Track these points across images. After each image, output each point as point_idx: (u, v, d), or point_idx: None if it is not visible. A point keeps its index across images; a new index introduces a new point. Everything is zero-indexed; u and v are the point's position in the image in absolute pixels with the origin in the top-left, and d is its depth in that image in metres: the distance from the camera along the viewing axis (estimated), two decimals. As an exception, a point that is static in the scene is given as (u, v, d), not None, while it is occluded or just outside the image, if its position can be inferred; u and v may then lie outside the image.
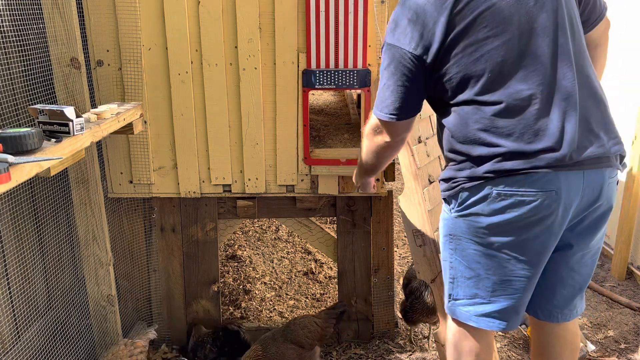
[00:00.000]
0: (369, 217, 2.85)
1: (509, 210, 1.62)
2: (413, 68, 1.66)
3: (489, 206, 1.64)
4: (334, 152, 2.64)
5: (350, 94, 3.82)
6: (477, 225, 1.69)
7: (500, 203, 1.62)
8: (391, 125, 1.79)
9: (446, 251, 1.84)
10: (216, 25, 2.44)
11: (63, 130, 1.75)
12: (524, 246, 1.67)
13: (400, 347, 2.94)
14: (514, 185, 1.60)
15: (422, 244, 2.40)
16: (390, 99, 1.73)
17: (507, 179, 1.60)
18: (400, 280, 3.58)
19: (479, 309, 1.79)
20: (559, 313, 1.89)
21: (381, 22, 2.45)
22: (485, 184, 1.63)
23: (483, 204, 1.65)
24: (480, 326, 1.81)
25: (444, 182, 1.79)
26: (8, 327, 2.16)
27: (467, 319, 1.83)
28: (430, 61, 1.64)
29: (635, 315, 3.24)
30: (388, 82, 1.72)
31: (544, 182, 1.58)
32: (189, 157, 2.63)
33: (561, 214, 1.62)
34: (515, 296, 1.75)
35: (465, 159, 1.68)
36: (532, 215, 1.61)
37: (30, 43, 2.15)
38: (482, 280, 1.75)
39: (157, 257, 2.88)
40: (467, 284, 1.79)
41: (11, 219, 2.17)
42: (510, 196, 1.61)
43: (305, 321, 2.65)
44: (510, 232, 1.65)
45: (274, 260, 3.96)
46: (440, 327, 2.45)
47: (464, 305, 1.82)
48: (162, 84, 2.53)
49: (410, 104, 1.75)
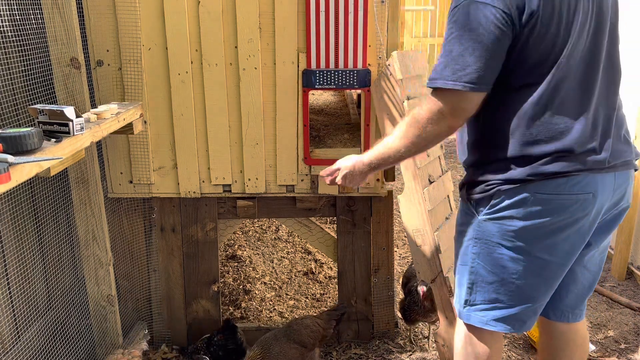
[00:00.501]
0: (369, 217, 2.85)
1: (545, 214, 1.59)
2: (503, 27, 1.45)
3: (525, 210, 1.59)
4: (334, 152, 2.64)
5: (350, 94, 3.82)
6: (509, 229, 1.63)
7: (537, 207, 1.58)
8: (465, 100, 1.52)
9: (467, 255, 1.77)
10: (216, 25, 2.44)
11: (63, 130, 1.75)
12: (554, 248, 1.64)
13: (400, 347, 2.94)
14: (555, 189, 1.56)
15: (422, 244, 2.40)
16: (473, 65, 1.47)
17: (548, 182, 1.56)
18: (400, 280, 3.58)
19: (498, 313, 1.75)
20: (569, 313, 1.89)
21: (381, 22, 2.45)
22: (524, 187, 1.58)
23: (519, 207, 1.59)
24: (497, 330, 1.77)
25: (472, 184, 1.69)
26: (8, 327, 2.16)
27: (483, 323, 1.78)
28: (519, 27, 1.47)
29: (635, 315, 3.23)
30: (466, 45, 1.47)
31: (583, 184, 1.57)
32: (189, 157, 2.63)
33: (593, 215, 1.62)
34: (538, 298, 1.73)
35: (506, 158, 1.58)
36: (568, 218, 1.59)
37: (30, 43, 2.14)
38: (506, 285, 1.70)
39: (157, 257, 2.88)
40: (488, 288, 1.74)
41: (11, 219, 2.17)
42: (549, 200, 1.57)
43: (307, 321, 2.65)
44: (543, 235, 1.62)
45: (274, 260, 3.96)
46: (440, 327, 2.45)
47: (481, 311, 1.77)
48: (162, 84, 2.53)
49: (493, 72, 1.51)
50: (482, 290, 1.75)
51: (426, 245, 2.39)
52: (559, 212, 1.59)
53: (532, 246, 1.64)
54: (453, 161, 6.28)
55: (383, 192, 2.74)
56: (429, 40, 9.43)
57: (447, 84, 1.50)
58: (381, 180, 2.70)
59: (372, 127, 2.60)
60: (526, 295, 1.72)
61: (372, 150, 1.83)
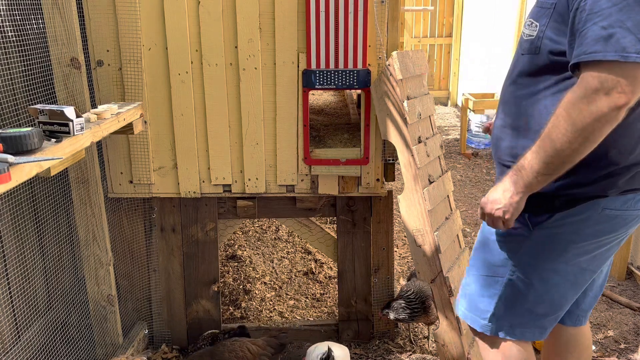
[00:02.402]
0: (369, 217, 2.85)
1: (607, 228, 1.53)
2: None
3: (589, 224, 1.52)
4: (334, 152, 2.64)
5: (350, 94, 3.82)
6: (565, 241, 1.55)
7: (602, 221, 1.52)
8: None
9: (506, 267, 1.66)
10: (216, 25, 2.45)
11: (63, 130, 1.75)
12: (599, 258, 1.61)
13: (400, 347, 2.94)
14: (623, 205, 1.50)
15: (422, 244, 2.40)
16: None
17: (619, 198, 1.49)
18: (401, 281, 3.58)
19: (531, 323, 1.70)
20: (583, 317, 1.89)
21: (381, 22, 2.45)
22: (593, 201, 1.49)
23: (585, 222, 1.52)
24: (522, 339, 1.73)
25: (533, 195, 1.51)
26: (8, 327, 2.16)
27: (511, 334, 1.72)
28: None
29: (635, 315, 3.23)
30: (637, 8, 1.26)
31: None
32: (189, 157, 2.63)
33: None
34: (566, 307, 1.70)
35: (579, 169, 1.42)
36: (623, 233, 1.56)
37: (30, 43, 2.15)
38: (544, 298, 1.65)
39: (157, 257, 2.88)
40: (523, 302, 1.67)
41: (11, 219, 2.17)
42: (615, 216, 1.51)
43: (235, 345, 2.48)
44: (597, 248, 1.57)
45: (274, 260, 3.96)
46: (440, 327, 2.45)
47: (512, 325, 1.71)
48: (162, 84, 2.53)
49: None
50: (517, 303, 1.67)
51: (426, 245, 2.39)
52: (620, 227, 1.54)
53: (583, 258, 1.58)
54: (453, 161, 6.28)
55: (383, 192, 2.74)
56: (429, 40, 9.43)
57: (618, 55, 1.26)
58: (381, 180, 2.70)
59: (372, 127, 2.60)
60: (558, 305, 1.67)
61: (514, 171, 1.48)
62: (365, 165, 2.64)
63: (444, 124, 8.08)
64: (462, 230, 3.82)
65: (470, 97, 6.14)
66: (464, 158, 6.41)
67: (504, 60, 6.73)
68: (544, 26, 1.45)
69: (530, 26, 1.51)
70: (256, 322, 3.16)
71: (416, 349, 2.92)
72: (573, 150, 1.34)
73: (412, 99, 2.47)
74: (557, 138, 1.35)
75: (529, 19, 1.52)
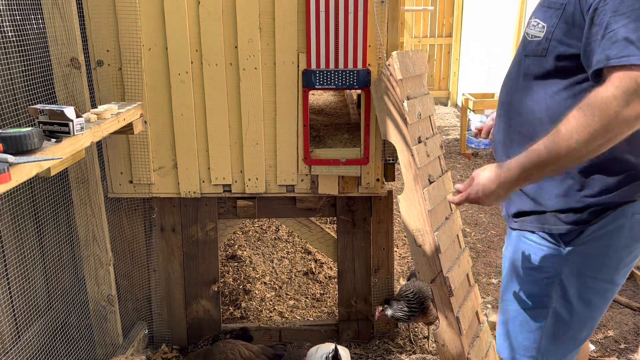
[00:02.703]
0: (369, 217, 2.85)
1: (639, 234, 1.47)
2: None
3: (623, 233, 1.46)
4: (334, 152, 2.64)
5: (350, 94, 3.82)
6: (603, 257, 1.48)
7: (635, 227, 1.46)
8: None
9: (544, 298, 1.56)
10: (216, 25, 2.45)
11: (63, 130, 1.75)
12: (627, 270, 1.54)
13: (400, 347, 2.94)
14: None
15: (422, 244, 2.40)
16: None
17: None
18: (401, 281, 3.58)
19: (573, 348, 1.63)
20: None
21: (381, 22, 2.45)
22: (622, 208, 1.43)
23: (618, 231, 1.46)
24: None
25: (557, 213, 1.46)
26: (8, 327, 2.16)
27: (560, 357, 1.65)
28: None
29: (635, 315, 3.23)
30: None
31: None
32: (189, 157, 2.63)
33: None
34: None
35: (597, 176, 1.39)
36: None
37: (30, 43, 2.15)
38: (589, 319, 1.57)
39: (157, 257, 2.88)
40: (567, 328, 1.58)
41: (11, 219, 2.17)
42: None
43: (227, 347, 2.46)
44: (631, 258, 1.51)
45: (274, 260, 3.96)
46: (440, 327, 2.45)
47: (559, 356, 1.63)
48: (162, 84, 2.53)
49: None
50: (560, 333, 1.58)
51: (426, 245, 2.39)
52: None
53: (619, 272, 1.51)
54: (453, 161, 6.28)
55: (383, 192, 2.74)
56: (429, 40, 9.43)
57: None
58: (381, 180, 2.70)
59: (372, 127, 2.60)
60: (596, 325, 1.60)
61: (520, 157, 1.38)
62: (365, 165, 2.64)
63: (444, 124, 8.08)
64: (462, 230, 3.82)
65: (470, 97, 6.14)
66: (464, 158, 6.41)
67: (504, 60, 6.73)
68: (553, 27, 1.39)
69: (536, 27, 1.45)
70: (256, 322, 3.16)
71: (416, 349, 2.93)
72: (589, 151, 1.26)
73: (412, 99, 2.47)
74: (575, 137, 1.25)
75: (534, 19, 1.47)
